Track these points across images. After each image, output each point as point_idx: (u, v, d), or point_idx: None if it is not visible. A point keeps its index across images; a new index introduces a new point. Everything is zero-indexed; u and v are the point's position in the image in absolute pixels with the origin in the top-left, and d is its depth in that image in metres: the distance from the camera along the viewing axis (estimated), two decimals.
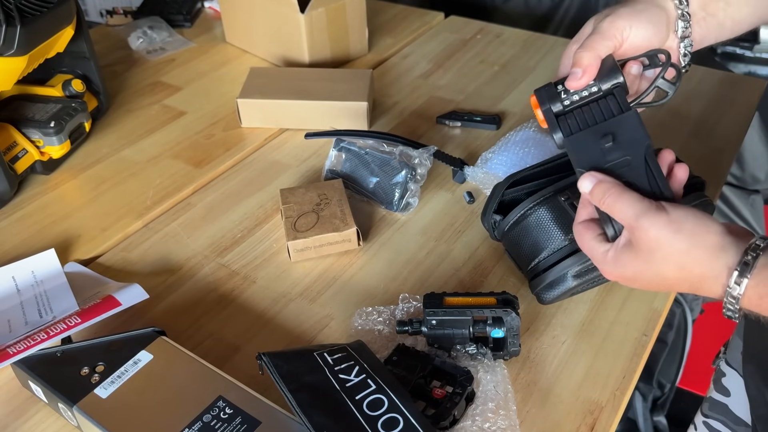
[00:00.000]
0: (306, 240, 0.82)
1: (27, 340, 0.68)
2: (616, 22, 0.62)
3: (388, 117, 1.12)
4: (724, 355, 0.89)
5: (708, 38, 0.65)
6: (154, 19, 1.39)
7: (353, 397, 0.60)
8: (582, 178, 0.59)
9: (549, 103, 0.64)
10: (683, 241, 0.53)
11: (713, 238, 0.52)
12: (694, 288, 0.54)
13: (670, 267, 0.54)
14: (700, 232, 0.53)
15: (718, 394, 0.88)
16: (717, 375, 0.90)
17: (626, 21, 0.62)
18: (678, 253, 0.53)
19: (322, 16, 1.18)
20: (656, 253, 0.54)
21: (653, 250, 0.54)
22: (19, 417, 0.68)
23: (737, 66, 1.81)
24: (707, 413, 0.90)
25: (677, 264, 0.53)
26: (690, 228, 0.53)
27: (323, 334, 0.75)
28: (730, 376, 0.87)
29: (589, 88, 0.63)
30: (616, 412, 0.66)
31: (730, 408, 0.87)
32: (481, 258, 0.84)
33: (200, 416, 0.61)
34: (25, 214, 0.94)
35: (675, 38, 0.65)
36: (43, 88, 1.05)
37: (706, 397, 0.92)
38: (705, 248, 0.52)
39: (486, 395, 0.64)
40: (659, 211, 0.54)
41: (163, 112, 1.15)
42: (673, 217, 0.53)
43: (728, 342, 0.89)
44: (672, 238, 0.53)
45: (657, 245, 0.53)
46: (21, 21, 0.85)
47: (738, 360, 0.85)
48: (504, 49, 1.30)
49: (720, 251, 0.52)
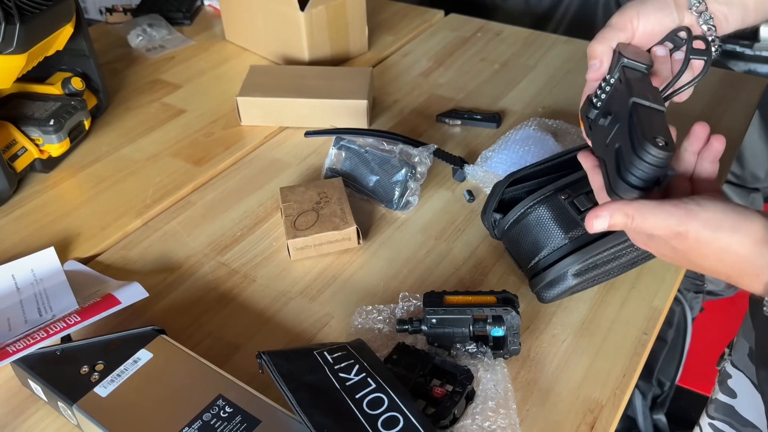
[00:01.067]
0: (306, 238, 0.82)
1: (26, 338, 0.68)
2: (624, 13, 0.64)
3: (388, 115, 1.12)
4: (729, 357, 0.88)
5: (733, 18, 0.66)
6: (154, 17, 1.38)
7: (353, 396, 0.60)
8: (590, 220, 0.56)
9: (586, 113, 0.65)
10: (723, 240, 0.52)
11: (756, 232, 0.51)
12: (732, 281, 0.54)
13: (710, 262, 0.53)
14: (743, 227, 0.51)
15: (725, 396, 0.88)
16: (722, 377, 0.89)
17: (633, 10, 0.64)
18: (718, 250, 0.52)
19: (322, 13, 1.17)
20: (695, 251, 0.53)
21: (692, 249, 0.53)
22: (18, 416, 0.68)
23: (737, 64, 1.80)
24: (713, 415, 0.90)
25: (718, 259, 0.53)
26: (729, 225, 0.52)
27: (323, 333, 0.75)
28: (736, 377, 0.86)
29: (608, 84, 0.64)
30: (616, 410, 0.66)
31: (737, 410, 0.86)
32: (481, 256, 0.84)
33: (200, 415, 0.61)
34: (25, 212, 0.94)
35: (692, 16, 0.65)
36: (42, 86, 1.05)
37: (710, 399, 0.91)
38: (747, 245, 0.51)
39: (486, 394, 0.64)
40: (689, 214, 0.52)
41: (163, 110, 1.15)
42: (707, 216, 0.52)
43: (733, 343, 0.89)
44: (711, 238, 0.52)
45: (696, 245, 0.53)
46: (20, 19, 0.84)
47: (744, 361, 0.84)
48: (504, 48, 1.30)
49: (764, 247, 0.51)
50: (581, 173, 0.74)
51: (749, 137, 1.55)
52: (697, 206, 0.52)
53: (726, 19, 0.66)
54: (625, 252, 0.73)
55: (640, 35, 0.65)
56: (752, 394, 0.83)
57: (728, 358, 0.89)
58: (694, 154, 0.60)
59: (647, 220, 0.54)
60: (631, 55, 0.62)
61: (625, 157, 0.56)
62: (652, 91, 0.60)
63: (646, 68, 0.62)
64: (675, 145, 0.55)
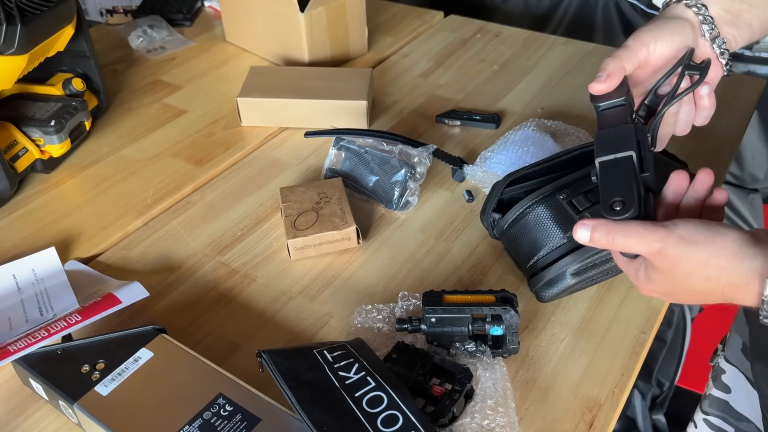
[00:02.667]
0: (306, 238, 0.83)
1: (27, 337, 0.68)
2: (640, 37, 0.65)
3: (387, 116, 1.12)
4: (722, 352, 0.89)
5: (741, 38, 0.68)
6: (154, 18, 1.39)
7: (353, 395, 0.60)
8: (576, 229, 0.59)
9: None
10: (700, 253, 0.53)
11: (730, 244, 0.52)
12: (728, 298, 0.54)
13: (696, 279, 0.54)
14: (716, 240, 0.53)
15: (718, 391, 0.89)
16: (716, 372, 0.90)
17: (650, 35, 0.65)
18: (700, 264, 0.53)
19: (321, 15, 1.18)
20: (679, 270, 0.54)
21: (674, 267, 0.55)
22: (19, 414, 0.68)
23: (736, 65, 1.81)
24: (707, 410, 0.90)
25: (702, 275, 0.54)
26: (703, 239, 0.53)
27: (323, 332, 0.75)
28: (729, 372, 0.87)
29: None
30: (614, 409, 0.67)
31: (731, 404, 0.87)
32: (480, 256, 0.84)
33: (200, 413, 0.61)
34: (26, 212, 0.94)
35: (706, 42, 0.67)
36: (43, 87, 1.05)
37: (704, 394, 0.92)
38: (724, 256, 0.52)
39: (485, 393, 0.64)
40: (668, 231, 0.54)
41: (163, 111, 1.15)
42: (683, 232, 0.54)
43: (726, 339, 0.90)
44: (689, 252, 0.53)
45: (677, 262, 0.54)
46: (21, 20, 0.85)
47: (738, 356, 0.85)
48: (503, 48, 1.30)
49: (742, 257, 0.52)
50: (580, 173, 0.75)
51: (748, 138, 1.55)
52: (672, 225, 0.55)
53: (735, 40, 0.68)
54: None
55: (656, 59, 0.66)
56: (746, 389, 0.84)
57: (721, 354, 0.89)
58: (698, 201, 0.62)
59: (629, 238, 0.56)
60: (605, 98, 0.64)
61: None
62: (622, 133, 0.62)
63: (624, 100, 0.64)
64: (634, 200, 0.57)
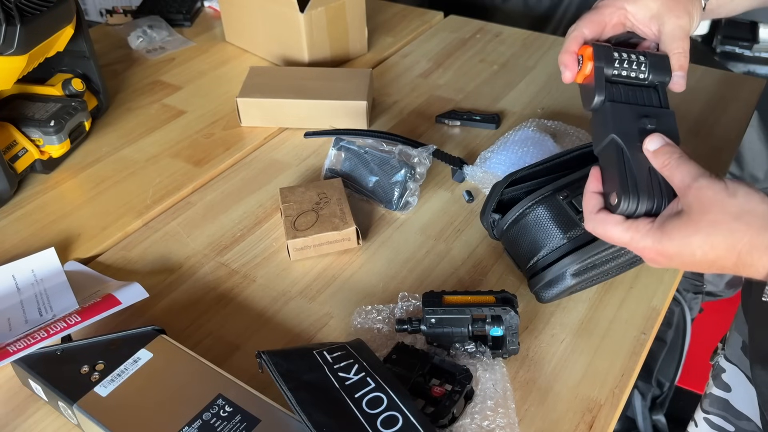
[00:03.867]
0: (305, 239, 0.83)
1: (27, 338, 0.68)
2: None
3: (387, 116, 1.12)
4: (722, 351, 0.89)
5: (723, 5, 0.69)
6: (154, 19, 1.39)
7: (352, 396, 0.60)
8: (651, 137, 0.59)
9: (604, 62, 0.65)
10: (736, 206, 0.52)
11: (765, 207, 0.52)
12: (741, 262, 0.52)
13: (719, 233, 0.53)
14: (754, 200, 0.52)
15: (719, 390, 0.89)
16: (716, 371, 0.90)
17: None
18: (729, 216, 0.52)
19: (321, 15, 1.18)
20: (708, 216, 0.53)
21: (706, 212, 0.53)
22: (19, 415, 0.68)
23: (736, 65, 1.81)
24: (707, 409, 0.90)
25: (728, 229, 0.52)
26: (743, 195, 0.53)
27: (323, 333, 0.75)
28: (730, 371, 0.87)
29: (639, 71, 0.65)
30: (614, 409, 0.67)
31: (732, 403, 0.87)
32: (480, 257, 0.84)
33: (200, 414, 0.61)
34: (25, 212, 0.94)
35: None
36: (43, 87, 1.05)
37: (705, 393, 0.92)
38: (757, 215, 0.52)
39: (485, 393, 0.64)
40: (717, 177, 0.54)
41: (163, 111, 1.15)
42: (729, 185, 0.54)
43: (726, 338, 0.90)
44: (726, 200, 0.53)
45: (710, 207, 0.53)
46: (21, 20, 0.85)
47: (738, 355, 0.85)
48: (503, 49, 1.30)
49: None
50: (580, 173, 0.75)
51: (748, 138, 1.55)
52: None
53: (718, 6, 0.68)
54: (623, 252, 0.73)
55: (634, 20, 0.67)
56: (746, 388, 0.84)
57: (721, 353, 0.89)
58: None
59: (687, 163, 0.56)
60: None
61: None
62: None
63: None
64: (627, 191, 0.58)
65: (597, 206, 0.61)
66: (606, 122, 0.62)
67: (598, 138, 0.63)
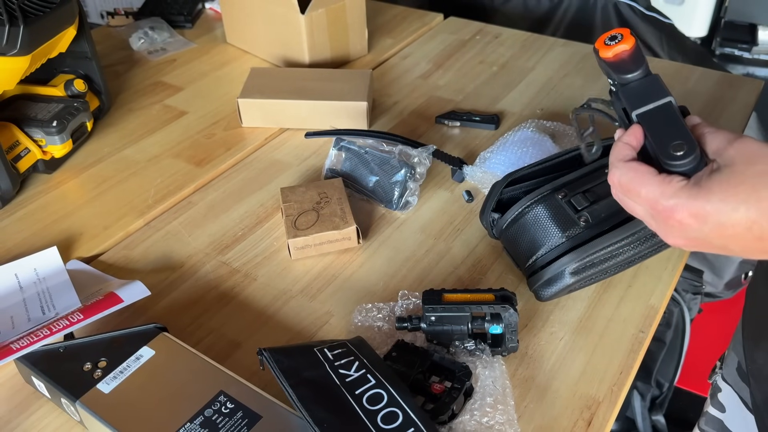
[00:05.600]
0: (306, 238, 0.83)
1: (30, 336, 0.69)
2: None
3: (387, 117, 1.12)
4: (720, 370, 0.88)
5: None
6: (155, 20, 1.39)
7: (353, 392, 0.61)
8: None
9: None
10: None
11: None
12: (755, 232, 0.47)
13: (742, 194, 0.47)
14: None
15: (714, 410, 0.87)
16: (713, 390, 0.88)
17: None
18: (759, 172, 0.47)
19: (322, 16, 1.18)
20: (755, 167, 0.48)
21: (752, 162, 0.48)
22: (22, 412, 0.69)
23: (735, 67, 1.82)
24: (704, 428, 0.89)
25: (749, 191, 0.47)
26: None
27: (323, 331, 0.76)
28: (725, 392, 0.86)
29: None
30: (613, 407, 0.67)
31: (726, 424, 0.86)
32: (479, 255, 0.85)
33: (202, 411, 0.61)
34: (28, 212, 0.95)
35: None
36: (45, 88, 1.05)
37: (703, 411, 0.91)
38: None
39: (484, 390, 0.65)
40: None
41: (165, 112, 1.15)
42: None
43: (723, 357, 0.88)
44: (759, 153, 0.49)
45: (757, 157, 0.48)
46: (24, 21, 0.85)
47: (733, 375, 0.84)
48: (503, 50, 1.31)
49: None
50: (578, 173, 0.75)
51: None
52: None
53: None
54: (622, 251, 0.73)
55: None
56: (740, 410, 0.82)
57: (719, 372, 0.88)
58: None
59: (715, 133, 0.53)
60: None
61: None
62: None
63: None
64: (694, 142, 0.54)
65: (628, 156, 0.56)
66: (661, 88, 0.60)
67: (643, 100, 0.60)
